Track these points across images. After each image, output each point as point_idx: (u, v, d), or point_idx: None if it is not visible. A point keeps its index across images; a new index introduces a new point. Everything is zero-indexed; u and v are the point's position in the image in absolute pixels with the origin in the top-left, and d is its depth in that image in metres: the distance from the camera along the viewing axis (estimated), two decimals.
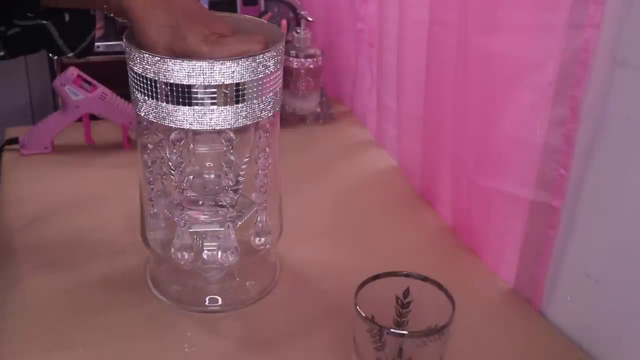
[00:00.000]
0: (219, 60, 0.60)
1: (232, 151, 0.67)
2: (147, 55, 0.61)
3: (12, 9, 0.64)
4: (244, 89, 0.62)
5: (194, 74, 0.60)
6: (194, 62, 0.60)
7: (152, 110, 0.63)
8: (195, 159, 0.75)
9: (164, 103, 0.62)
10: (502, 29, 0.72)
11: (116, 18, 0.66)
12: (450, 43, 0.80)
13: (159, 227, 0.75)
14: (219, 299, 0.75)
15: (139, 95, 0.64)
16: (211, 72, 0.60)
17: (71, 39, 0.71)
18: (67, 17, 0.69)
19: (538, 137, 0.69)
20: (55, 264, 0.80)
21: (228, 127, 0.64)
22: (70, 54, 0.72)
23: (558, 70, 0.65)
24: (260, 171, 0.72)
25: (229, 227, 0.71)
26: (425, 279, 0.61)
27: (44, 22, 0.66)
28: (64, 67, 1.30)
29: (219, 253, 0.72)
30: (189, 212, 0.72)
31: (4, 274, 0.78)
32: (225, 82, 0.61)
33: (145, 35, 0.62)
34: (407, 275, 0.61)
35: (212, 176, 0.76)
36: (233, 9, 1.43)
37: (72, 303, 0.74)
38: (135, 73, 0.63)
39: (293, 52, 1.16)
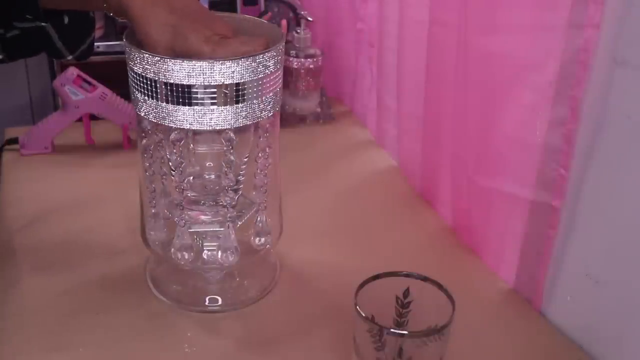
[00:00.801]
0: (219, 60, 0.60)
1: (232, 151, 0.67)
2: (147, 55, 0.61)
3: (11, 11, 0.63)
4: (244, 89, 0.62)
5: (194, 74, 0.60)
6: (194, 62, 0.60)
7: (152, 110, 0.63)
8: (195, 159, 0.75)
9: (164, 103, 0.62)
10: (502, 29, 0.72)
11: (116, 18, 0.65)
12: (450, 43, 0.80)
13: (159, 227, 0.75)
14: (219, 299, 0.76)
15: (139, 95, 0.64)
16: (211, 72, 0.60)
17: (70, 42, 0.71)
18: (66, 20, 0.68)
19: (538, 137, 0.69)
20: (55, 264, 0.80)
21: (228, 127, 0.64)
22: (70, 57, 0.72)
23: (558, 70, 0.65)
24: (260, 171, 0.72)
25: (229, 227, 0.71)
26: (425, 279, 0.61)
27: (43, 24, 0.66)
28: (64, 67, 1.30)
29: (219, 253, 0.72)
30: (189, 212, 0.72)
31: (4, 274, 0.78)
32: (225, 82, 0.61)
33: (146, 35, 0.61)
34: (407, 275, 0.61)
35: (212, 176, 0.76)
36: (233, 9, 1.43)
37: (72, 303, 0.74)
38: (135, 73, 0.63)
39: (293, 52, 1.16)
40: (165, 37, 0.61)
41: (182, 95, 0.61)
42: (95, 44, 0.75)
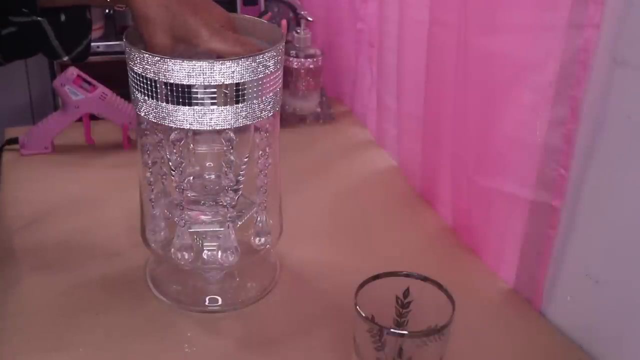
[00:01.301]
0: (219, 60, 0.60)
1: (232, 151, 0.67)
2: (147, 55, 0.61)
3: (7, 4, 0.63)
4: (244, 89, 0.62)
5: (194, 74, 0.60)
6: (194, 62, 0.60)
7: (152, 110, 0.63)
8: (195, 159, 0.75)
9: (164, 103, 0.62)
10: (502, 29, 0.72)
11: (114, 8, 0.65)
12: (450, 43, 0.80)
13: (159, 227, 0.75)
14: (219, 299, 0.76)
15: (139, 95, 0.64)
16: (211, 72, 0.60)
17: (67, 41, 0.70)
18: (62, 18, 0.68)
19: (538, 137, 0.69)
20: (55, 264, 0.80)
21: (228, 127, 0.64)
22: (66, 58, 0.72)
23: (558, 70, 0.65)
24: (260, 171, 0.72)
25: (229, 227, 0.71)
26: (425, 279, 0.61)
27: (38, 19, 0.66)
28: (63, 67, 1.30)
29: (219, 253, 0.72)
30: (189, 212, 0.72)
31: (4, 274, 0.78)
32: (225, 82, 0.61)
33: (145, 19, 0.61)
34: (407, 275, 0.61)
35: (212, 176, 0.76)
36: (233, 9, 1.43)
37: (72, 303, 0.74)
38: (135, 73, 0.63)
39: (293, 52, 1.16)
40: (164, 19, 0.61)
41: (182, 95, 0.61)
42: (96, 44, 0.75)
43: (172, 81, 0.61)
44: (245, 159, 0.71)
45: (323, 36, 1.28)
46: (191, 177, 0.75)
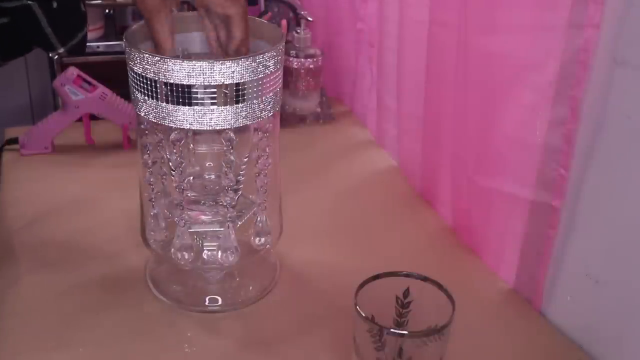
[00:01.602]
0: (219, 60, 0.60)
1: (232, 151, 0.67)
2: (147, 55, 0.61)
3: None
4: (244, 89, 0.62)
5: (194, 74, 0.60)
6: (194, 62, 0.60)
7: (152, 110, 0.64)
8: (195, 159, 0.75)
9: (164, 103, 0.62)
10: (502, 29, 0.72)
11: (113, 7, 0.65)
12: (450, 43, 0.80)
13: (159, 227, 0.75)
14: (219, 299, 0.76)
15: (139, 95, 0.64)
16: (211, 72, 0.60)
17: (60, 30, 0.69)
18: (54, 4, 0.68)
19: (538, 137, 0.69)
20: (55, 264, 0.80)
21: (228, 127, 0.64)
22: (61, 49, 0.71)
23: (558, 70, 0.65)
24: (260, 171, 0.72)
25: (229, 227, 0.71)
26: (425, 279, 0.61)
27: (29, 2, 0.65)
28: (64, 67, 1.30)
29: (219, 253, 0.72)
30: (189, 212, 0.72)
31: (4, 274, 0.78)
32: (225, 82, 0.61)
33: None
34: (407, 275, 0.62)
35: (212, 176, 0.76)
36: None
37: (72, 303, 0.74)
38: (135, 73, 0.63)
39: (293, 52, 1.16)
40: None
41: (182, 95, 0.61)
42: (96, 44, 0.74)
43: (172, 81, 0.61)
44: (245, 159, 0.71)
45: (323, 36, 1.28)
46: (191, 177, 0.75)
